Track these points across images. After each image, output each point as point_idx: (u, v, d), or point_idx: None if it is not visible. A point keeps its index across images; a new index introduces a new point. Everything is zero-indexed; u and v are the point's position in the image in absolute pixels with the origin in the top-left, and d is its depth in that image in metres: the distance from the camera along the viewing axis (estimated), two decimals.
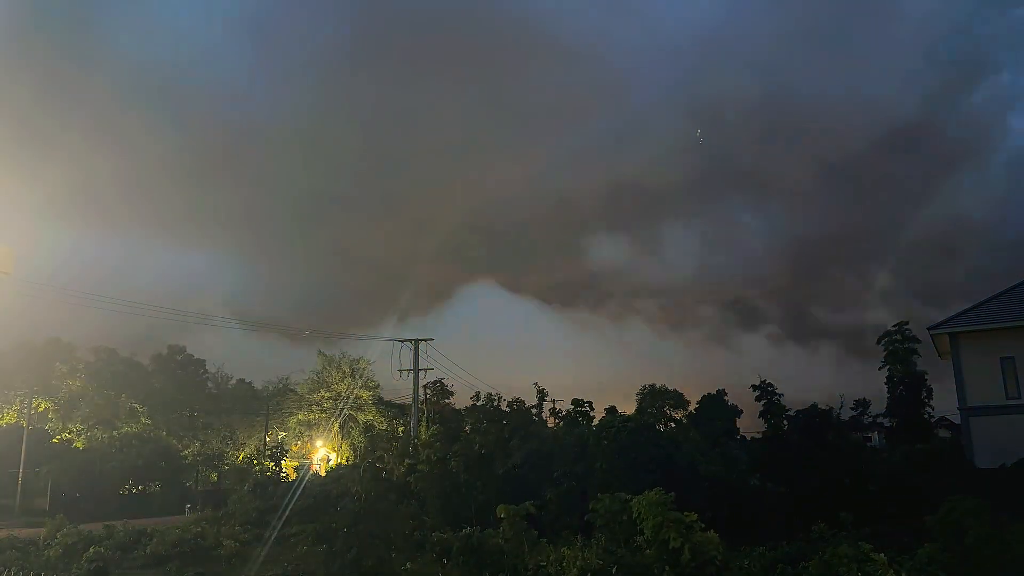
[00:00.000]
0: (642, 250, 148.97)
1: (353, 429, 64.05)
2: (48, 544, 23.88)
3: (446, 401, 67.80)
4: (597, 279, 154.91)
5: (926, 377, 38.49)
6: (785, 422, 28.55)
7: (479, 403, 38.47)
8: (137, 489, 48.30)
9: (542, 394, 37.26)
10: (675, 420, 58.58)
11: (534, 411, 36.50)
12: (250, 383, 65.71)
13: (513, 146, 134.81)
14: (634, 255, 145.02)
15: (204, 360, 59.76)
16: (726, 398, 70.17)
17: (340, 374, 66.23)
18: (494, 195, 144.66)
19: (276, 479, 43.66)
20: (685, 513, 14.11)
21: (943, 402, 40.06)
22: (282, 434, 65.47)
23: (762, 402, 29.45)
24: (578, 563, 15.16)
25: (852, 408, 31.77)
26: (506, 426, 34.28)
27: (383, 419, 64.96)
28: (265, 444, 59.02)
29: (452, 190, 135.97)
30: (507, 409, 36.49)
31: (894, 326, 37.19)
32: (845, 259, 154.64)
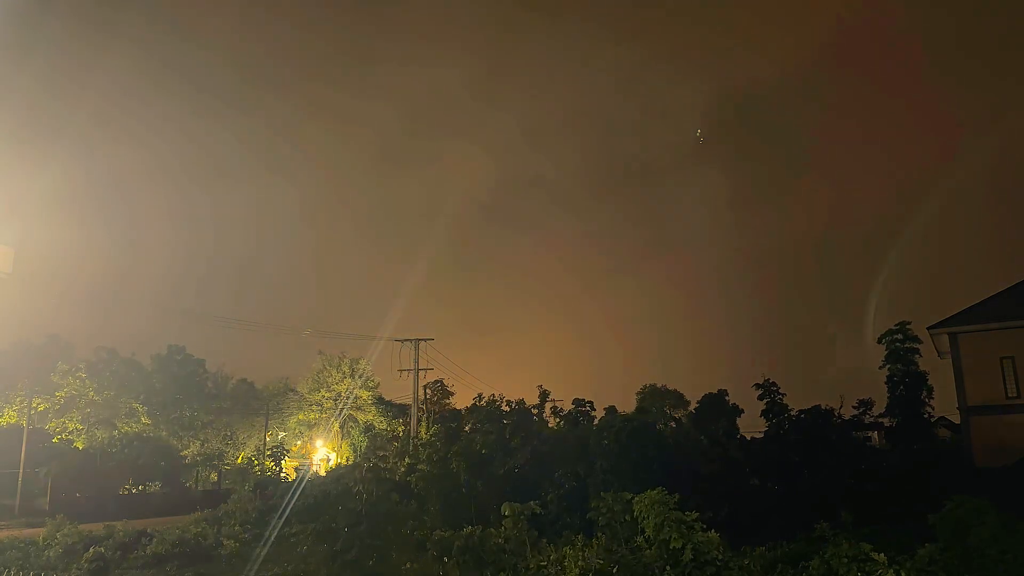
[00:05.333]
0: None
1: (353, 429, 64.04)
2: (48, 544, 23.85)
3: (446, 401, 67.79)
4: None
5: (926, 376, 38.43)
6: (787, 422, 28.54)
7: (480, 402, 38.38)
8: (137, 489, 48.23)
9: (544, 395, 37.10)
10: (676, 420, 58.56)
11: (535, 411, 36.37)
12: (250, 383, 65.64)
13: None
14: None
15: (204, 360, 59.70)
16: (727, 398, 70.00)
17: (340, 374, 66.24)
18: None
19: (276, 479, 43.63)
20: (686, 513, 14.09)
21: (943, 401, 40.04)
22: (282, 434, 65.41)
23: (764, 401, 29.43)
24: (579, 563, 15.14)
25: (855, 407, 31.70)
26: (506, 426, 34.22)
27: (383, 419, 64.96)
28: (265, 444, 58.96)
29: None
30: (507, 409, 36.39)
31: (896, 325, 37.10)
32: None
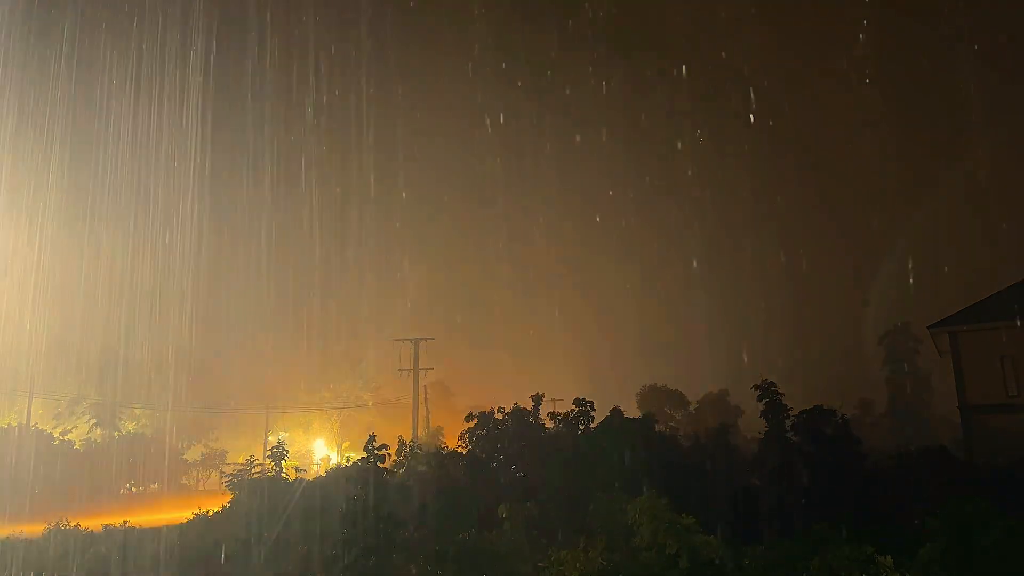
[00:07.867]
0: None
1: (353, 429, 64.14)
2: (48, 544, 23.86)
3: (447, 402, 67.93)
4: None
5: (927, 376, 38.43)
6: (786, 422, 28.48)
7: (478, 411, 38.64)
8: (137, 489, 48.34)
9: (538, 399, 37.18)
10: (676, 420, 58.64)
11: (531, 418, 36.37)
12: (251, 383, 65.77)
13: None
14: None
15: (205, 360, 59.83)
16: (728, 398, 70.24)
17: (341, 374, 66.38)
18: None
19: (276, 479, 43.54)
20: (683, 515, 14.04)
21: (943, 401, 40.04)
22: (283, 433, 65.51)
23: (763, 401, 29.35)
24: (579, 565, 15.13)
25: (856, 407, 31.76)
26: (504, 431, 34.24)
27: (383, 419, 65.08)
28: (265, 444, 59.04)
29: None
30: (500, 416, 36.49)
31: (895, 325, 37.21)
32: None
